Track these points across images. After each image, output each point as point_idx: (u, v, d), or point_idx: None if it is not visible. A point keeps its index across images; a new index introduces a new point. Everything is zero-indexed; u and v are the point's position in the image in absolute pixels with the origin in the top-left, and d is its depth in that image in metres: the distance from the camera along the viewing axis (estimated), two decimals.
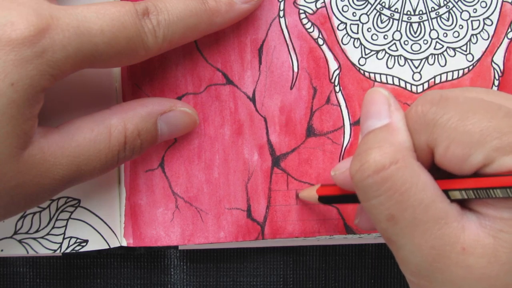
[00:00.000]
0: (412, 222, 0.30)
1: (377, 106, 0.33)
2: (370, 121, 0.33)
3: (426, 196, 0.30)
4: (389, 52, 0.41)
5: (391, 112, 0.33)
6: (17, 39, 0.31)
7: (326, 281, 0.46)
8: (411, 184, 0.30)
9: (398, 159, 0.31)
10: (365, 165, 0.31)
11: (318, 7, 0.41)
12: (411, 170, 0.31)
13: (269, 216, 0.41)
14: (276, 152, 0.41)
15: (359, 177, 0.31)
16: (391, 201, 0.30)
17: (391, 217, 0.31)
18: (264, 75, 0.41)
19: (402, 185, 0.30)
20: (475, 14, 0.41)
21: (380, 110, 0.33)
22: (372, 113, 0.33)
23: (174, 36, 0.36)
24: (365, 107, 0.34)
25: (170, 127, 0.39)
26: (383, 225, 0.31)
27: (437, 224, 0.30)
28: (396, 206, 0.30)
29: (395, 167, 0.30)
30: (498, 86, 0.41)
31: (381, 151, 0.31)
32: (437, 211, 0.30)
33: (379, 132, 0.32)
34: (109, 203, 0.42)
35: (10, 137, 0.32)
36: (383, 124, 0.32)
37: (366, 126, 0.33)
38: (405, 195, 0.30)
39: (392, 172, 0.30)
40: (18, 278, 0.46)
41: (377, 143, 0.31)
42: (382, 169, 0.30)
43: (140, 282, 0.46)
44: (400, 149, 0.31)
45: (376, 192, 0.31)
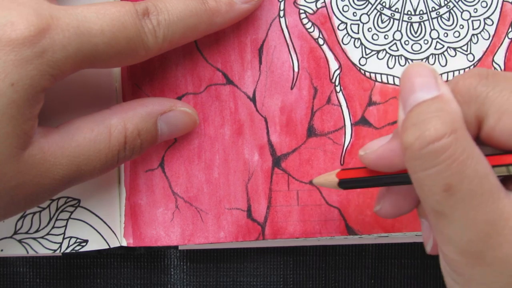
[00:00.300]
0: (469, 194, 0.29)
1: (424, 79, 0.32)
2: (417, 94, 0.31)
3: (481, 168, 0.30)
4: (390, 52, 0.41)
5: (440, 85, 0.31)
6: (17, 39, 0.31)
7: (326, 281, 0.46)
8: (469, 154, 0.30)
9: (456, 128, 0.30)
10: (426, 133, 0.30)
11: (318, 7, 0.41)
12: (469, 141, 0.30)
13: (270, 217, 0.41)
14: (277, 152, 0.41)
15: (418, 145, 0.30)
16: (450, 171, 0.29)
17: (448, 187, 0.30)
18: (264, 75, 0.41)
19: (461, 155, 0.29)
20: (476, 14, 0.41)
21: (428, 82, 0.32)
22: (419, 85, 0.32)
23: (174, 36, 0.36)
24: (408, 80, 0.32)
25: (170, 127, 0.39)
26: (437, 196, 0.30)
27: (491, 198, 0.30)
28: (454, 176, 0.29)
29: (454, 136, 0.30)
30: None
31: (440, 120, 0.30)
32: (491, 184, 0.30)
33: (432, 103, 0.31)
34: (109, 203, 0.42)
35: (10, 137, 0.32)
36: (433, 96, 0.31)
37: (413, 98, 0.31)
38: (464, 165, 0.29)
39: (452, 141, 0.29)
40: (18, 278, 0.46)
41: (435, 112, 0.30)
42: (443, 137, 0.29)
43: (140, 282, 0.46)
44: (457, 119, 0.30)
45: (435, 161, 0.30)
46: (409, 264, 0.46)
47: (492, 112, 0.31)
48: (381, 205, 0.37)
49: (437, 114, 0.30)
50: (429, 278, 0.46)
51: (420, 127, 0.30)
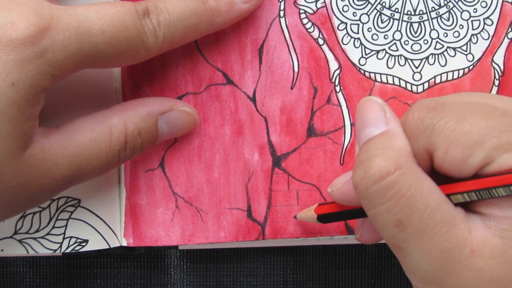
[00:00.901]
0: (420, 227, 0.30)
1: (373, 114, 0.33)
2: (367, 130, 0.33)
3: (432, 200, 0.30)
4: (390, 52, 0.41)
5: (388, 119, 0.33)
6: (18, 39, 0.31)
7: (326, 281, 0.46)
8: (416, 188, 0.30)
9: (401, 165, 0.30)
10: (370, 172, 0.31)
11: (318, 7, 0.41)
12: (415, 175, 0.30)
13: (270, 217, 0.41)
14: (277, 152, 0.41)
15: (364, 185, 0.31)
16: (398, 207, 0.30)
17: (398, 223, 0.30)
18: (264, 75, 0.41)
19: (407, 190, 0.30)
20: (475, 14, 0.41)
21: (377, 117, 0.33)
22: (369, 121, 0.33)
23: (174, 36, 0.36)
24: (360, 116, 0.33)
25: (170, 126, 0.39)
26: (390, 231, 0.31)
27: (445, 227, 0.30)
28: (403, 212, 0.30)
29: (399, 172, 0.30)
30: (498, 86, 0.41)
31: (384, 157, 0.31)
32: (444, 214, 0.30)
33: (378, 140, 0.32)
34: (109, 203, 0.42)
35: (11, 137, 0.32)
36: (381, 131, 0.32)
37: (364, 134, 0.33)
38: (411, 200, 0.30)
39: (397, 178, 0.30)
40: (18, 278, 0.46)
41: (379, 150, 0.31)
42: (387, 175, 0.30)
43: (140, 282, 0.46)
44: (402, 154, 0.31)
45: (382, 198, 0.30)
46: None
47: (439, 145, 0.31)
48: (360, 233, 0.38)
49: (381, 152, 0.31)
50: None
51: (365, 167, 0.31)
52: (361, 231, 0.38)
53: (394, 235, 0.31)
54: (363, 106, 0.34)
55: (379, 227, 0.31)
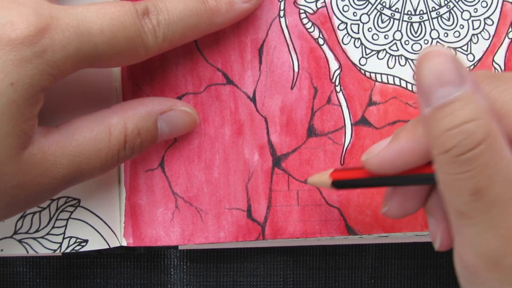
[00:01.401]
0: (496, 198, 0.29)
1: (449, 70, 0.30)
2: (445, 89, 0.30)
3: (510, 172, 0.29)
4: (390, 52, 0.41)
5: (465, 77, 0.30)
6: (17, 39, 0.31)
7: (326, 281, 0.46)
8: (501, 158, 0.29)
9: (490, 132, 0.29)
10: (465, 141, 0.29)
11: (318, 7, 0.41)
12: (500, 144, 0.30)
13: (270, 217, 0.41)
14: (277, 152, 0.41)
15: (457, 152, 0.29)
16: (481, 175, 0.29)
17: (476, 191, 0.29)
18: (264, 75, 0.41)
19: (493, 159, 0.29)
20: (476, 14, 0.41)
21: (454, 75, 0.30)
22: (446, 79, 0.30)
23: (174, 36, 0.36)
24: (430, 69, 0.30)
25: (170, 126, 0.39)
26: (464, 198, 0.30)
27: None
28: (484, 180, 0.29)
29: (489, 140, 0.29)
30: None
31: (477, 125, 0.29)
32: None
33: (465, 102, 0.30)
34: (109, 203, 0.42)
35: (10, 137, 0.32)
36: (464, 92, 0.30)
37: (441, 94, 0.30)
38: (495, 169, 0.29)
39: (487, 146, 0.29)
40: (18, 278, 0.46)
41: (470, 115, 0.29)
42: (481, 143, 0.29)
43: (140, 282, 0.46)
44: (489, 121, 0.30)
45: (472, 165, 0.29)
46: (409, 264, 0.46)
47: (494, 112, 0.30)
48: (388, 206, 0.36)
49: (473, 118, 0.29)
50: (429, 278, 0.46)
51: (458, 134, 0.29)
52: (390, 204, 0.36)
53: (467, 203, 0.30)
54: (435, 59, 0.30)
55: (452, 192, 0.30)
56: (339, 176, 0.36)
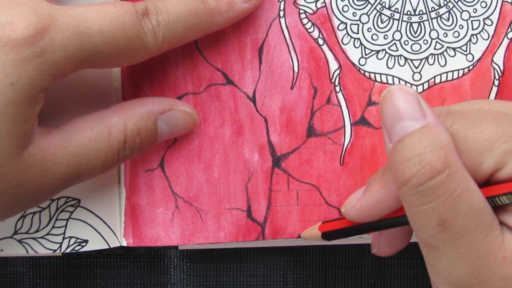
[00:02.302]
0: (462, 228, 0.30)
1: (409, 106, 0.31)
2: (404, 123, 0.31)
3: (476, 201, 0.30)
4: (389, 52, 0.41)
5: (425, 111, 0.31)
6: (17, 39, 0.31)
7: (326, 281, 0.46)
8: (463, 189, 0.30)
9: (450, 163, 0.30)
10: (422, 170, 0.30)
11: (318, 7, 0.41)
12: (462, 174, 0.30)
13: (270, 217, 0.41)
14: (277, 152, 0.41)
15: (415, 182, 0.30)
16: (444, 206, 0.30)
17: (442, 222, 0.30)
18: (264, 75, 0.41)
19: (455, 190, 0.30)
20: (475, 14, 0.41)
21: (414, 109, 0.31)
22: (405, 113, 0.31)
23: (174, 36, 0.36)
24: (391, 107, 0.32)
25: (170, 126, 0.39)
26: (431, 231, 0.30)
27: (484, 231, 0.30)
28: (448, 211, 0.30)
29: (449, 171, 0.30)
30: (498, 86, 0.41)
31: (435, 155, 0.30)
32: (485, 217, 0.30)
33: (423, 135, 0.31)
34: (109, 203, 0.42)
35: (10, 137, 0.32)
36: (422, 125, 0.31)
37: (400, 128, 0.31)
38: (458, 200, 0.30)
39: (447, 176, 0.30)
40: (18, 278, 0.46)
41: (428, 147, 0.30)
42: (439, 174, 0.30)
43: (140, 282, 0.46)
44: (449, 152, 0.30)
45: (431, 197, 0.30)
46: (409, 264, 0.46)
47: None
48: (377, 246, 0.38)
49: (431, 149, 0.30)
50: (429, 278, 0.46)
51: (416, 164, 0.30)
52: (379, 244, 0.38)
53: (433, 235, 0.30)
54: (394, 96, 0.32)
55: (419, 225, 0.31)
56: (326, 228, 0.38)
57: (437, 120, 0.31)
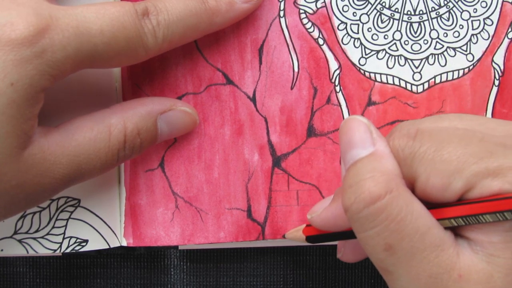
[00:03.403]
0: (410, 251, 0.30)
1: (359, 134, 0.32)
2: (354, 151, 0.32)
3: (422, 223, 0.30)
4: (390, 52, 0.41)
5: (375, 140, 0.32)
6: (17, 39, 0.31)
7: (326, 281, 0.46)
8: (407, 212, 0.30)
9: (392, 188, 0.30)
10: (361, 196, 0.30)
11: (318, 7, 0.41)
12: (405, 199, 0.30)
13: (270, 217, 0.41)
14: (277, 152, 0.41)
15: (355, 209, 0.31)
16: (388, 231, 0.30)
17: (388, 247, 0.30)
18: (264, 75, 0.41)
19: (397, 214, 0.30)
20: (475, 14, 0.41)
21: (363, 138, 0.32)
22: (355, 142, 0.32)
23: (174, 36, 0.36)
24: (345, 136, 0.33)
25: (170, 126, 0.39)
26: (380, 255, 0.31)
27: (434, 252, 0.30)
28: (393, 236, 0.30)
29: (390, 196, 0.30)
30: (498, 86, 0.41)
31: (374, 181, 0.30)
32: (433, 238, 0.30)
33: (367, 162, 0.31)
34: (109, 203, 0.42)
35: (10, 137, 0.32)
36: (369, 153, 0.32)
37: (350, 156, 0.32)
38: (402, 224, 0.30)
39: (388, 202, 0.30)
40: (18, 278, 0.46)
41: (369, 173, 0.31)
42: (378, 200, 0.30)
43: (140, 282, 0.46)
44: (392, 178, 0.31)
45: (372, 223, 0.30)
46: None
47: (419, 174, 0.31)
48: (342, 252, 0.38)
49: (371, 175, 0.31)
50: None
51: (356, 190, 0.31)
52: (343, 251, 0.38)
53: (383, 259, 0.31)
54: (348, 126, 0.33)
55: (368, 250, 0.31)
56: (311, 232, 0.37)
57: (385, 147, 0.32)
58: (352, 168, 0.32)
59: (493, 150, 0.30)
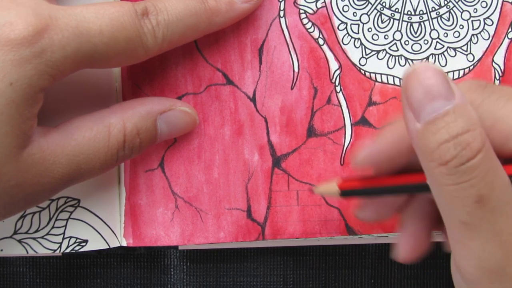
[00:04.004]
0: (499, 203, 0.30)
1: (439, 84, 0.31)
2: (436, 103, 0.30)
3: (505, 176, 0.30)
4: (390, 52, 0.41)
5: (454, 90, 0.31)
6: (16, 39, 0.31)
7: (326, 281, 0.46)
8: (497, 164, 0.30)
9: (485, 141, 0.30)
10: (463, 152, 0.30)
11: (318, 7, 0.41)
12: (493, 151, 0.30)
13: (270, 217, 0.41)
14: (277, 153, 0.41)
15: (457, 162, 0.30)
16: (483, 182, 0.30)
17: (480, 199, 0.30)
18: (264, 75, 0.41)
19: (491, 166, 0.30)
20: (476, 14, 0.41)
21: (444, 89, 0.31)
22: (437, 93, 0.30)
23: (173, 36, 0.36)
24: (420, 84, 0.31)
25: (169, 126, 0.39)
26: (468, 208, 0.30)
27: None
28: (487, 187, 0.30)
29: (485, 148, 0.30)
30: None
31: (473, 136, 0.30)
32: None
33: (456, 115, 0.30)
34: (109, 203, 0.42)
35: (9, 137, 0.32)
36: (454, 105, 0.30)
37: (432, 108, 0.30)
38: (495, 175, 0.30)
39: (485, 154, 0.30)
40: (18, 278, 0.46)
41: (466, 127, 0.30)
42: (478, 153, 0.30)
43: (140, 282, 0.46)
44: (482, 131, 0.30)
45: (471, 174, 0.30)
46: (409, 264, 0.46)
47: (487, 119, 0.31)
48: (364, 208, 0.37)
49: (467, 129, 0.30)
50: (429, 278, 0.46)
51: (456, 145, 0.30)
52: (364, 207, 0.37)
53: (471, 212, 0.30)
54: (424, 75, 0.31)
55: (455, 203, 0.31)
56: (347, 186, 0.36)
57: (464, 99, 0.31)
58: (440, 122, 0.30)
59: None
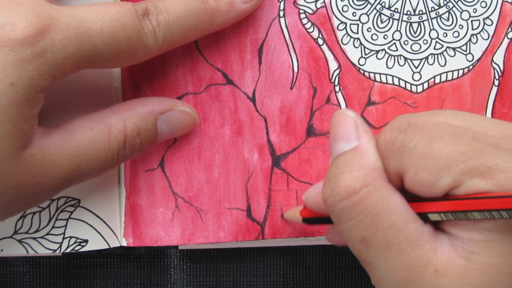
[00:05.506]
0: (385, 244, 0.30)
1: (345, 129, 0.33)
2: (338, 144, 0.33)
3: (397, 218, 0.30)
4: (389, 52, 0.41)
5: (359, 135, 0.33)
6: (17, 40, 0.31)
7: (326, 281, 0.46)
8: (382, 207, 0.30)
9: (368, 183, 0.31)
10: (336, 190, 0.31)
11: (318, 7, 0.41)
12: (382, 193, 0.31)
13: (269, 216, 0.41)
14: (276, 152, 0.41)
15: (331, 201, 0.31)
16: (363, 224, 0.31)
17: (363, 240, 0.31)
18: (264, 75, 0.41)
19: (373, 209, 0.30)
20: (475, 14, 0.41)
21: (348, 132, 0.33)
22: (340, 136, 0.33)
23: (174, 36, 0.36)
24: (332, 129, 0.34)
25: (170, 126, 0.39)
26: (357, 247, 0.31)
27: (410, 246, 0.30)
28: (368, 229, 0.31)
29: (365, 190, 0.31)
30: (498, 86, 0.41)
31: (351, 175, 0.31)
32: (409, 232, 0.30)
33: (348, 156, 0.32)
34: (109, 203, 0.42)
35: (10, 137, 0.32)
36: (351, 147, 0.32)
37: (335, 149, 0.33)
38: (376, 218, 0.30)
39: (363, 196, 0.31)
40: (18, 278, 0.46)
41: (347, 167, 0.31)
42: (353, 194, 0.31)
43: (140, 282, 0.46)
44: (370, 172, 0.31)
45: (348, 216, 0.31)
46: None
47: (408, 168, 0.31)
48: (330, 234, 0.39)
49: (349, 169, 0.31)
50: None
51: (332, 184, 0.31)
52: (331, 232, 0.38)
53: (360, 250, 0.31)
54: (336, 119, 0.34)
55: (347, 241, 0.32)
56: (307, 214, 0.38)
57: (368, 143, 0.32)
58: (334, 161, 0.32)
59: (484, 150, 0.30)
